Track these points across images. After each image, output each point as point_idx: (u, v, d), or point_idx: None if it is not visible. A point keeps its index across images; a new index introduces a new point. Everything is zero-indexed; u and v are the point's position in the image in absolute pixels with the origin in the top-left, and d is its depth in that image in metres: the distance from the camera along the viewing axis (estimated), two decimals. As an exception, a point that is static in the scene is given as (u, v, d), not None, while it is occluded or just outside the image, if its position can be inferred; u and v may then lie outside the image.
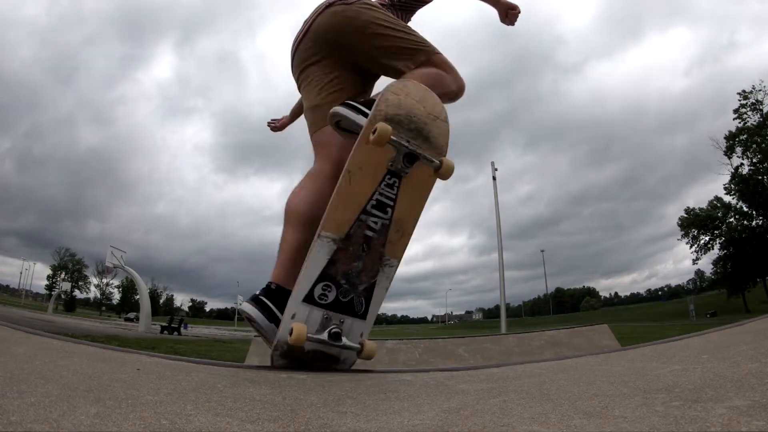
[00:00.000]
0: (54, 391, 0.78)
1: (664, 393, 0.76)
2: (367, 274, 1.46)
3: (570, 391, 0.91)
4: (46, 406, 0.68)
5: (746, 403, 0.64)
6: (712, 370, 0.91)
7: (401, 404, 0.88)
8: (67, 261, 78.12)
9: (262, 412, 0.78)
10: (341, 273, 1.43)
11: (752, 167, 40.97)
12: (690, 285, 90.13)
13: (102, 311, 78.85)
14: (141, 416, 0.68)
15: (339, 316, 1.43)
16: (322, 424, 0.72)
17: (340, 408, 0.84)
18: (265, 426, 0.69)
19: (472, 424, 0.70)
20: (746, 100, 41.12)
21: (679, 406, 0.66)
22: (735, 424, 0.56)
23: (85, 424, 0.63)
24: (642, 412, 0.66)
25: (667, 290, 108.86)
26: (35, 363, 1.08)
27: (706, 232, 47.99)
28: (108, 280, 78.42)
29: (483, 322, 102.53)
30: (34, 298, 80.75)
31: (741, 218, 44.96)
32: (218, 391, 0.95)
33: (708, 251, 48.68)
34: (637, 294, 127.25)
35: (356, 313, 1.46)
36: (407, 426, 0.71)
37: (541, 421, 0.67)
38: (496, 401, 0.86)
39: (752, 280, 46.20)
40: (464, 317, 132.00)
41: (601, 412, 0.69)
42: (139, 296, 25.44)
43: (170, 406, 0.76)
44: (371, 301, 1.48)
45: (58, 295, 55.38)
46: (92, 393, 0.80)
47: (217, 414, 0.74)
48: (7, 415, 0.63)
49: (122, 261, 22.16)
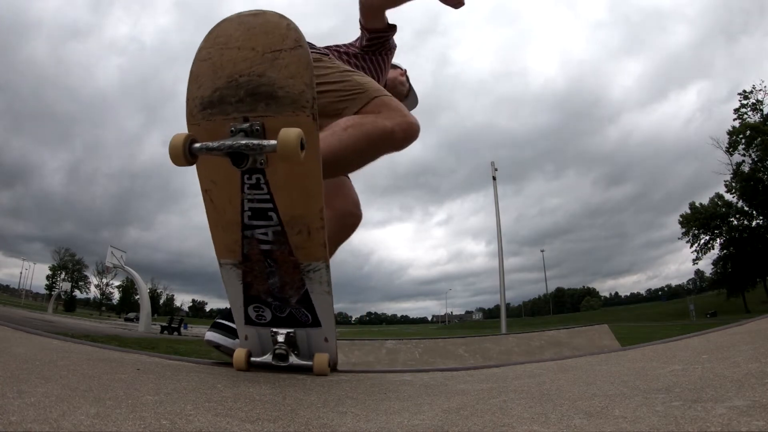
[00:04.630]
0: (54, 391, 0.78)
1: (664, 393, 0.76)
2: (291, 287, 1.29)
3: (570, 391, 0.91)
4: (46, 406, 0.68)
5: (746, 403, 0.64)
6: (712, 370, 0.91)
7: (401, 404, 0.88)
8: (67, 261, 78.12)
9: (262, 412, 0.78)
10: (263, 292, 1.30)
11: (752, 165, 40.96)
12: (690, 285, 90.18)
13: (102, 311, 78.85)
14: (141, 416, 0.68)
15: (286, 330, 1.35)
16: (322, 424, 0.72)
17: (340, 408, 0.84)
18: (265, 426, 0.69)
19: (472, 424, 0.70)
20: (747, 100, 41.17)
21: (679, 406, 0.66)
22: (735, 424, 0.56)
23: (85, 424, 0.63)
24: (642, 412, 0.66)
25: (667, 290, 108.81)
26: (35, 363, 1.08)
27: (707, 231, 47.94)
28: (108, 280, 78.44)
29: (483, 322, 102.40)
30: (34, 298, 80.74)
31: (741, 217, 44.95)
32: (218, 391, 0.95)
33: (708, 251, 48.68)
34: (637, 294, 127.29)
35: (303, 324, 1.35)
36: (407, 426, 0.71)
37: (541, 421, 0.67)
38: (496, 401, 0.86)
39: (752, 280, 46.16)
40: (464, 317, 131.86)
41: (601, 412, 0.69)
42: (139, 296, 25.44)
43: (170, 406, 0.76)
44: (315, 307, 1.31)
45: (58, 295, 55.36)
46: (92, 393, 0.80)
47: (217, 414, 0.74)
48: (7, 415, 0.63)
49: (122, 261, 22.18)
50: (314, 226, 1.20)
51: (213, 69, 1.07)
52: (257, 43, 1.05)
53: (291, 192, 1.16)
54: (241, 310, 1.32)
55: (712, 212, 47.07)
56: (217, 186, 1.18)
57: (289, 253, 1.23)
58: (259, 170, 1.12)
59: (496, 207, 18.68)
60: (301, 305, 1.31)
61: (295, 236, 1.21)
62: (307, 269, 1.25)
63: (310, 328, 1.35)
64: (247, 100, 1.06)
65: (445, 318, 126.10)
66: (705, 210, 47.96)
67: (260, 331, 1.36)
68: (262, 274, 1.27)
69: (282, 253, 1.23)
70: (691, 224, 48.89)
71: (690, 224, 49.09)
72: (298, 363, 1.33)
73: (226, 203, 1.19)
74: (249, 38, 1.06)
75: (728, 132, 42.12)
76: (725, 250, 47.12)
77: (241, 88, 1.06)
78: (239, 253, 1.24)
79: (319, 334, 1.36)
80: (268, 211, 1.18)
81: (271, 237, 1.22)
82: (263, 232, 1.21)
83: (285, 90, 1.06)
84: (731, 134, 41.80)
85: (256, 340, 1.37)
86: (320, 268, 1.25)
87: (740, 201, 43.63)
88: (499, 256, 17.76)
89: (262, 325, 1.35)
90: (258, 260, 1.25)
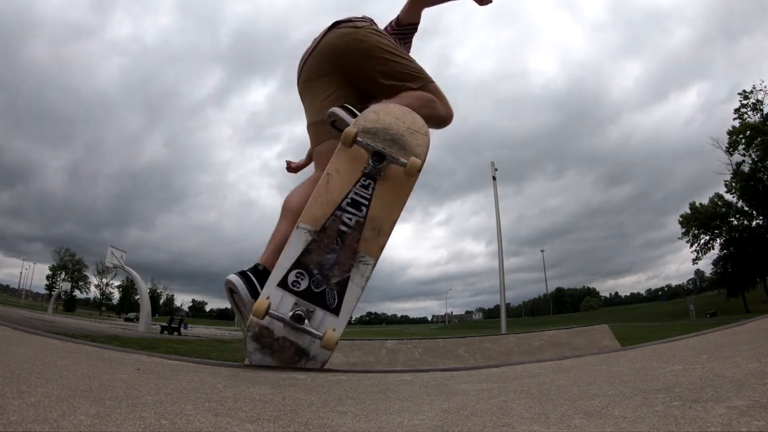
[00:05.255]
0: (54, 391, 0.78)
1: (664, 393, 0.76)
2: (340, 268, 1.53)
3: (570, 391, 0.91)
4: (46, 406, 0.68)
5: (746, 403, 0.64)
6: (712, 370, 0.91)
7: (401, 404, 0.88)
8: (67, 261, 78.09)
9: (262, 412, 0.78)
10: (314, 263, 1.52)
11: (752, 165, 40.96)
12: (690, 285, 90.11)
13: (102, 311, 78.79)
14: (141, 416, 0.68)
15: (310, 306, 1.49)
16: (322, 424, 0.72)
17: (340, 408, 0.84)
18: (265, 426, 0.69)
19: (472, 424, 0.70)
20: (747, 100, 41.16)
21: (679, 406, 0.66)
22: (735, 424, 0.56)
23: (85, 424, 0.63)
24: (642, 412, 0.66)
25: (667, 290, 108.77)
26: (35, 363, 1.08)
27: (707, 231, 47.92)
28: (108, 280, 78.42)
29: (483, 322, 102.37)
30: (34, 298, 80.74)
31: (741, 217, 44.94)
32: (218, 391, 0.95)
33: (708, 251, 48.65)
34: (637, 294, 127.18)
35: (328, 305, 1.51)
36: (407, 426, 0.71)
37: (541, 421, 0.67)
38: (496, 401, 0.86)
39: (752, 280, 46.15)
40: (464, 317, 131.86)
41: (601, 412, 0.68)
42: (139, 296, 25.44)
43: (170, 406, 0.76)
44: (344, 296, 1.51)
45: (58, 295, 55.36)
46: (92, 393, 0.80)
47: (217, 414, 0.74)
48: (7, 415, 0.63)
49: (122, 261, 22.17)
50: (384, 230, 1.60)
51: (377, 118, 1.69)
52: (406, 121, 1.71)
53: (385, 200, 1.61)
54: (284, 270, 1.51)
55: (712, 212, 47.02)
56: (339, 174, 1.62)
57: (356, 241, 1.55)
58: (374, 179, 1.61)
59: (496, 207, 18.70)
60: (336, 288, 1.52)
61: (369, 230, 1.57)
62: (360, 259, 1.56)
63: (329, 313, 1.50)
64: (389, 141, 1.66)
65: (445, 318, 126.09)
66: (705, 210, 47.91)
67: (285, 297, 1.49)
68: (326, 248, 1.54)
69: (352, 238, 1.55)
70: (691, 224, 48.85)
71: (690, 224, 49.05)
72: (310, 330, 1.45)
73: (337, 188, 1.60)
74: (403, 115, 1.71)
75: (728, 132, 42.11)
76: (725, 250, 47.09)
77: (389, 135, 1.67)
78: (321, 224, 1.55)
79: (332, 322, 1.50)
80: (362, 205, 1.59)
81: (352, 223, 1.57)
82: (349, 218, 1.57)
83: (411, 148, 1.67)
84: (731, 134, 41.77)
85: (275, 303, 1.48)
86: (369, 263, 1.56)
87: (740, 201, 43.61)
88: (499, 256, 17.78)
89: (292, 291, 1.49)
90: (331, 236, 1.54)
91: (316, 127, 1.94)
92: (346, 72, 1.92)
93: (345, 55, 1.90)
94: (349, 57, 1.89)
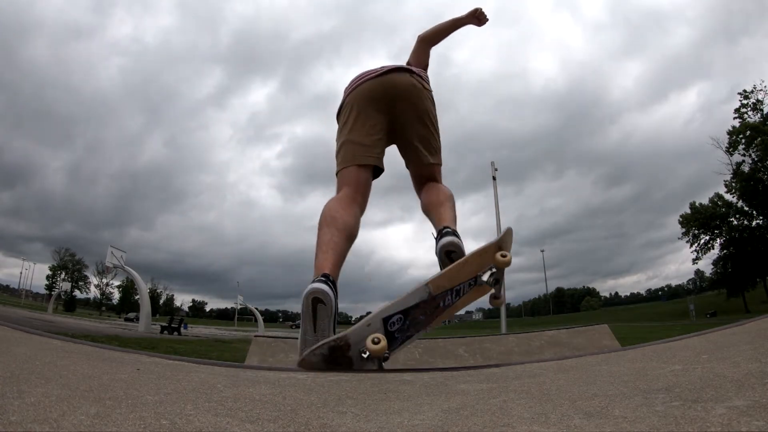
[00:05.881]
0: (54, 391, 0.78)
1: (664, 393, 0.76)
2: (416, 329, 1.74)
3: (570, 391, 0.91)
4: (46, 406, 0.68)
5: (746, 403, 0.64)
6: (712, 370, 0.90)
7: (401, 404, 0.87)
8: (67, 261, 78.06)
9: (262, 412, 0.78)
10: (413, 316, 1.72)
11: (752, 165, 40.93)
12: (690, 285, 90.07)
13: (102, 311, 78.76)
14: (141, 416, 0.68)
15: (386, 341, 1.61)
16: (322, 424, 0.72)
17: (340, 408, 0.84)
18: (265, 426, 0.69)
19: (472, 424, 0.70)
20: (747, 100, 41.14)
21: (679, 406, 0.66)
22: (735, 424, 0.56)
23: (85, 424, 0.63)
24: (642, 412, 0.66)
25: (667, 290, 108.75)
26: (35, 363, 1.08)
27: (707, 231, 47.90)
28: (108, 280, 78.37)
29: (483, 322, 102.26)
30: (34, 298, 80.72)
31: (741, 217, 44.91)
32: (218, 391, 0.94)
33: (708, 251, 48.63)
34: (637, 294, 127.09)
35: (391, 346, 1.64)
36: (407, 426, 0.71)
37: (541, 421, 0.67)
38: (496, 401, 0.86)
39: (752, 280, 46.13)
40: (464, 317, 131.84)
41: (601, 412, 0.68)
42: (139, 296, 25.43)
43: (170, 406, 0.76)
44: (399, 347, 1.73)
45: (58, 295, 55.36)
46: (92, 393, 0.80)
47: (217, 414, 0.74)
48: (7, 415, 0.63)
49: (122, 261, 22.17)
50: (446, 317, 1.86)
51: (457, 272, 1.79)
52: (474, 265, 1.83)
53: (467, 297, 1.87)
54: (395, 310, 1.67)
55: (712, 212, 47.00)
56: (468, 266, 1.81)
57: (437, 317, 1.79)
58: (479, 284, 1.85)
59: (496, 207, 18.68)
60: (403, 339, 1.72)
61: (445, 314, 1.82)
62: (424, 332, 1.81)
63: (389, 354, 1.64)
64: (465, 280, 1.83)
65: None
66: (705, 210, 47.88)
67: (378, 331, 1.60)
68: (425, 310, 1.74)
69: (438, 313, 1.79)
70: (691, 224, 48.82)
71: (690, 224, 49.02)
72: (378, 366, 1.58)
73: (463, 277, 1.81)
74: (479, 258, 1.84)
75: (728, 132, 42.08)
76: (725, 250, 47.08)
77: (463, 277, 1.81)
78: (437, 293, 1.75)
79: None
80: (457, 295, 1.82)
81: (446, 303, 1.79)
82: (449, 300, 1.79)
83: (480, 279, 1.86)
84: (731, 134, 41.74)
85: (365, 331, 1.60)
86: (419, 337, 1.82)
87: (740, 201, 43.59)
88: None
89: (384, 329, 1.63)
90: (433, 305, 1.76)
91: (354, 147, 2.03)
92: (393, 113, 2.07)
93: (404, 101, 2.06)
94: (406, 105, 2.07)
